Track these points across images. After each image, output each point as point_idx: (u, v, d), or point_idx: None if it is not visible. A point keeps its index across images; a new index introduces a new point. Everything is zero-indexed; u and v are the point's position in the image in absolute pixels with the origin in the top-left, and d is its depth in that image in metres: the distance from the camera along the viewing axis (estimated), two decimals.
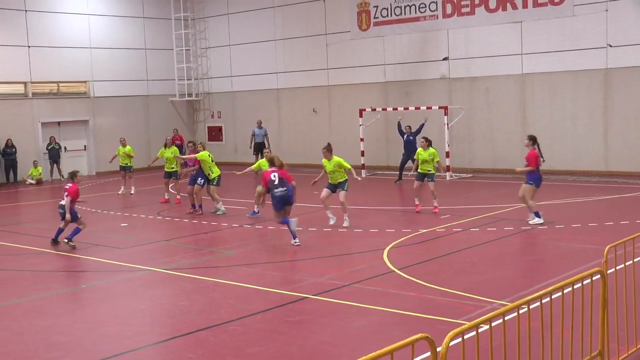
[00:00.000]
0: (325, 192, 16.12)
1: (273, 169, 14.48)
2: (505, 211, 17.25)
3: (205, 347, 8.37)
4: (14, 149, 28.12)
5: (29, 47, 29.22)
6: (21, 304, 10.65)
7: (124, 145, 23.66)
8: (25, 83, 29.40)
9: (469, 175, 25.00)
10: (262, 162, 17.39)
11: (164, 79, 33.82)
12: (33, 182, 28.32)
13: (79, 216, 15.10)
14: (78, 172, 16.00)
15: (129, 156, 23.64)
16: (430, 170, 17.46)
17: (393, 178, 24.63)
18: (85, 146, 31.27)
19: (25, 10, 29.15)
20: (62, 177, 28.78)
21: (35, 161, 28.87)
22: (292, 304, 9.96)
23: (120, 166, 23.94)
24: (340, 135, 28.90)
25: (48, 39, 29.82)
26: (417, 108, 25.81)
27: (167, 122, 33.74)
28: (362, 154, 26.81)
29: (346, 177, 16.13)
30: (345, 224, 15.83)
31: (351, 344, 8.37)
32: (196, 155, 18.70)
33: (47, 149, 28.91)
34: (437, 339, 4.98)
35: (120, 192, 23.56)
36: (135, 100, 32.88)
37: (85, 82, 31.30)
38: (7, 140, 28.01)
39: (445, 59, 26.46)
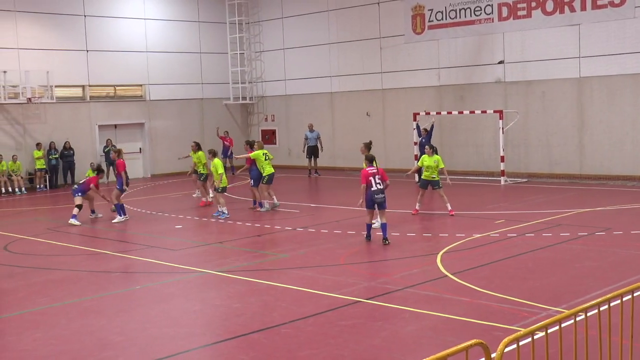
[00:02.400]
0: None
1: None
2: (562, 217, 16.93)
3: (257, 350, 8.39)
4: (71, 151, 28.72)
5: (87, 51, 29.84)
6: (77, 304, 10.84)
7: (195, 152, 21.75)
8: (83, 87, 30.02)
9: (524, 180, 24.63)
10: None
11: (219, 83, 34.16)
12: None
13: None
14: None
15: (201, 163, 21.68)
16: (434, 177, 17.67)
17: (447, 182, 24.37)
18: (140, 149, 31.76)
19: (85, 16, 29.79)
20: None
21: (92, 163, 29.35)
22: (344, 308, 9.93)
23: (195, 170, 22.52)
24: (394, 139, 28.77)
25: (105, 43, 30.40)
26: (472, 112, 25.54)
27: (221, 125, 34.01)
28: (416, 157, 26.60)
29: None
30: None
31: (404, 349, 8.30)
32: (250, 154, 19.36)
33: (103, 151, 29.40)
34: (491, 345, 4.90)
35: (194, 195, 23.40)
36: (190, 104, 33.29)
37: (141, 85, 31.80)
38: (65, 143, 28.62)
39: (500, 62, 26.13)
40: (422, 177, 18.08)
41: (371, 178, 14.35)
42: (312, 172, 29.43)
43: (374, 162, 14.86)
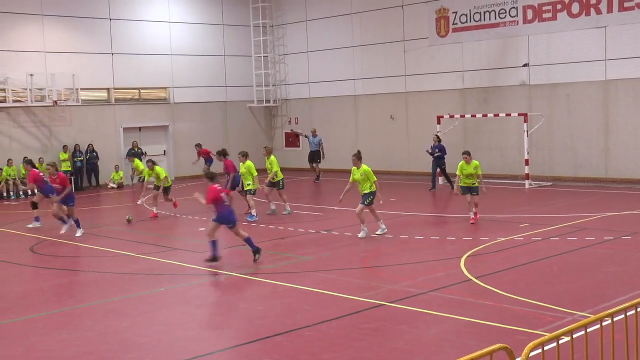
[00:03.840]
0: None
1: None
2: (587, 220, 16.78)
3: (280, 352, 8.40)
4: (95, 154, 28.98)
5: (112, 54, 30.08)
6: (102, 305, 10.93)
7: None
8: (108, 89, 30.27)
9: (549, 184, 24.44)
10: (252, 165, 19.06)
11: (242, 85, 34.27)
12: (114, 185, 29.10)
13: None
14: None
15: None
16: (474, 184, 17.11)
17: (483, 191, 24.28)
18: (164, 151, 31.94)
19: (110, 19, 30.04)
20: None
21: (116, 165, 29.67)
22: (367, 311, 9.92)
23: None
24: (417, 142, 28.68)
25: (130, 47, 30.63)
26: (496, 115, 25.42)
27: (245, 128, 34.23)
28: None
29: (372, 190, 15.81)
30: (362, 234, 15.64)
31: (427, 352, 8.27)
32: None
33: (129, 153, 29.51)
34: (515, 350, 4.88)
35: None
36: (214, 106, 33.43)
37: (165, 88, 32.00)
38: (89, 145, 28.88)
39: (525, 65, 25.97)
40: (460, 184, 17.25)
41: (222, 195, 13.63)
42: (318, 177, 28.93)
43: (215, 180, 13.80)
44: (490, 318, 9.32)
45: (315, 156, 28.89)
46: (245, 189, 19.09)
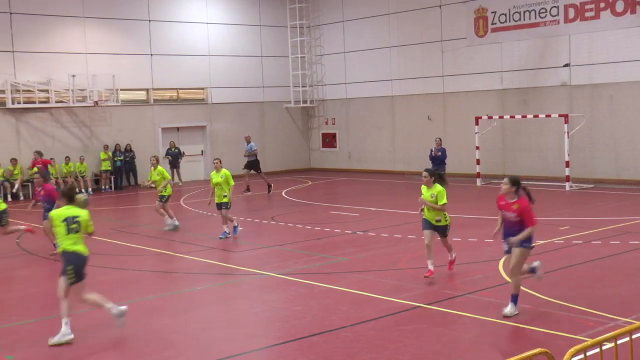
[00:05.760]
0: None
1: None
2: (630, 224, 16.46)
3: (317, 353, 8.37)
4: (132, 153, 29.31)
5: (151, 55, 30.36)
6: (141, 303, 11.01)
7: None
8: (147, 90, 30.58)
9: (591, 186, 24.05)
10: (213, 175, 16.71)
11: (279, 86, 34.35)
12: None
13: None
14: None
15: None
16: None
17: None
18: (202, 151, 32.13)
19: (149, 21, 30.33)
20: (181, 181, 29.67)
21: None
22: (404, 313, 9.84)
23: None
24: (455, 143, 28.45)
25: (169, 48, 30.91)
26: (536, 116, 25.10)
27: (281, 129, 34.32)
28: (478, 162, 26.29)
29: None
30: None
31: (465, 355, 8.17)
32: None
33: (167, 153, 29.71)
34: (556, 355, 4.78)
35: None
36: (251, 107, 33.55)
37: (203, 89, 32.21)
38: (127, 145, 29.22)
39: (566, 65, 25.61)
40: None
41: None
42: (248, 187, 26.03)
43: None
44: (530, 322, 9.18)
45: (252, 164, 26.32)
46: (220, 201, 16.49)
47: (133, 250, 15.59)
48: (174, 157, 29.68)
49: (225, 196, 16.34)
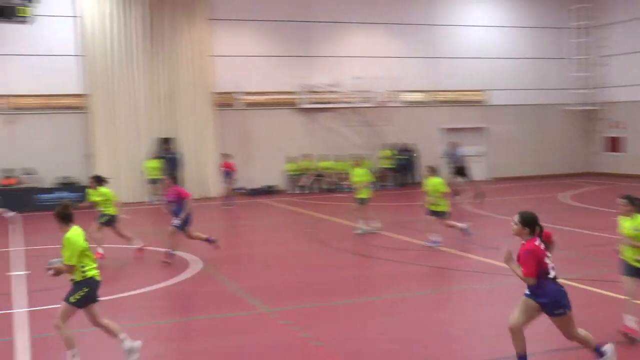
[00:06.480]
0: None
1: None
2: None
3: None
4: (412, 152, 30.46)
5: (431, 58, 31.25)
6: (425, 297, 11.59)
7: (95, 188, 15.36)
8: (427, 92, 31.57)
9: None
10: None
11: (557, 88, 33.49)
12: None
13: None
14: None
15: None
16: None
17: None
18: (482, 152, 32.24)
19: (430, 25, 31.30)
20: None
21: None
22: None
23: None
24: None
25: (449, 51, 31.66)
26: None
27: (559, 131, 33.50)
28: None
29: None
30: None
31: None
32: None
33: (448, 154, 29.85)
34: None
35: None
36: (528, 109, 33.13)
37: (481, 91, 32.38)
38: (407, 144, 30.38)
39: None
40: None
41: None
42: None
43: None
44: None
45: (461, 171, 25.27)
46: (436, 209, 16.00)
47: (411, 245, 16.17)
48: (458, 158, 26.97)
49: (440, 204, 15.81)
